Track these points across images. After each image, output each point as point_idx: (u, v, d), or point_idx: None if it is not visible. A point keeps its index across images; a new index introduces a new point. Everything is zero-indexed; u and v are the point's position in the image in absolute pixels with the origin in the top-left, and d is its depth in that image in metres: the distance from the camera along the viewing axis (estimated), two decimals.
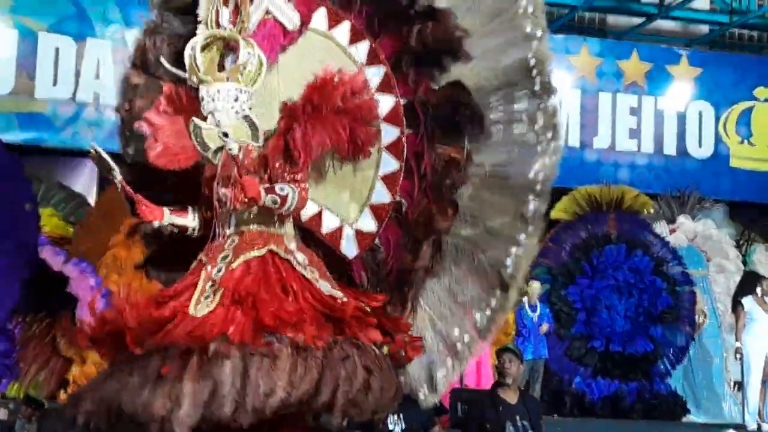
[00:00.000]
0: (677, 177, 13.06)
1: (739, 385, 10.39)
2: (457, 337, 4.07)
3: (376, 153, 3.99)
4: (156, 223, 3.66)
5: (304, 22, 4.03)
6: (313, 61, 3.94)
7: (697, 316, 10.61)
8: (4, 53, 11.63)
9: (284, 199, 3.56)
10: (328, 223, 4.01)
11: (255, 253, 3.59)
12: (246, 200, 3.51)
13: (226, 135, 3.54)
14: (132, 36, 12.01)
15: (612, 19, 14.19)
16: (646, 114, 13.46)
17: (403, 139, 3.98)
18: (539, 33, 4.08)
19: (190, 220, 3.74)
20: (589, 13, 13.97)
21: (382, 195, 3.96)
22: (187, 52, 3.69)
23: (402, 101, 4.00)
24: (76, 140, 11.52)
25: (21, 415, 7.05)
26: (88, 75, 11.61)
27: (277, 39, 3.93)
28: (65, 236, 9.54)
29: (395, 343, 3.70)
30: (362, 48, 4.06)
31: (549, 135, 4.06)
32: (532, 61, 4.06)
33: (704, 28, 14.42)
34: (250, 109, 3.66)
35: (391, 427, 5.90)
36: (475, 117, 3.91)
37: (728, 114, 13.58)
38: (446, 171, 3.89)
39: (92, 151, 3.64)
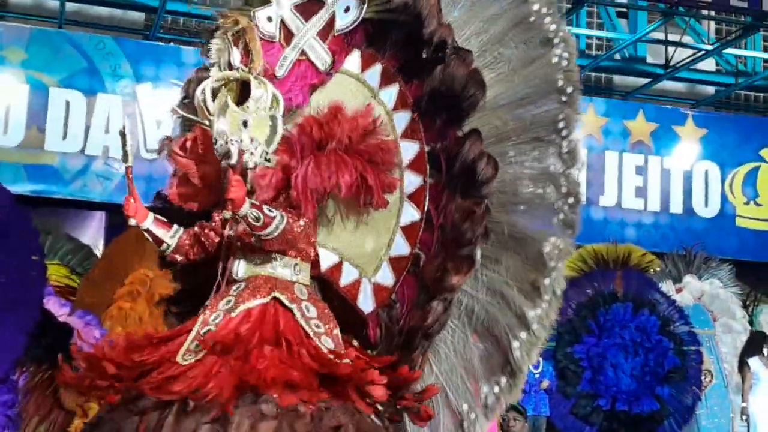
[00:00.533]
0: (683, 236, 13.08)
1: None
2: (465, 414, 3.73)
3: (398, 202, 3.75)
4: (132, 221, 3.46)
5: (336, 63, 3.95)
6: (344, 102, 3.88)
7: (703, 376, 10.56)
8: (15, 106, 11.66)
9: (269, 219, 3.33)
10: (347, 276, 3.78)
11: (258, 301, 3.37)
12: (227, 201, 3.31)
13: (245, 124, 3.35)
14: (142, 91, 12.27)
15: (618, 80, 14.37)
16: (653, 173, 13.57)
17: (426, 188, 3.71)
18: (570, 89, 3.87)
19: (168, 236, 3.51)
20: (596, 73, 14.09)
21: (401, 247, 3.69)
22: (198, 95, 3.59)
23: (426, 148, 3.76)
24: (85, 192, 11.63)
25: None
26: (98, 129, 11.66)
27: (309, 80, 3.85)
28: (72, 287, 9.50)
29: (407, 402, 3.41)
30: (392, 92, 3.86)
31: (570, 205, 3.81)
32: (562, 120, 3.83)
33: (710, 89, 14.59)
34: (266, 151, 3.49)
35: None
36: (490, 168, 3.58)
37: (734, 174, 13.72)
38: (463, 224, 3.56)
39: (121, 130, 3.54)
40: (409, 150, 3.72)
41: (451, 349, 3.74)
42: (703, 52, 13.60)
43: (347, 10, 3.82)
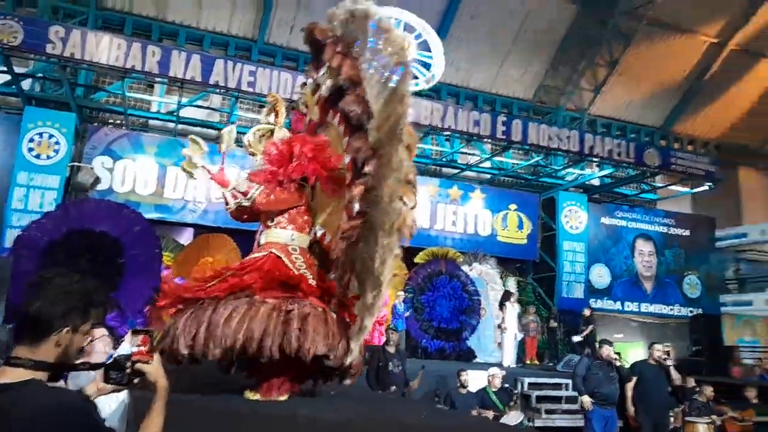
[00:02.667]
0: (474, 244, 14.06)
1: (500, 344, 11.78)
2: (360, 320, 3.36)
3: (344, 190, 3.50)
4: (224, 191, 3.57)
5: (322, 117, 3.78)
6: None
7: (482, 311, 12.26)
8: (150, 177, 11.89)
9: (245, 192, 3.47)
10: (327, 239, 3.76)
11: (259, 254, 3.44)
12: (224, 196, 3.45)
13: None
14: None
15: (445, 170, 15.18)
16: (460, 215, 14.30)
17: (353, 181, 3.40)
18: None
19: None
20: (435, 166, 14.78)
21: (344, 218, 3.47)
22: (247, 136, 3.81)
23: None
24: (182, 218, 12.22)
25: None
26: (191, 188, 12.07)
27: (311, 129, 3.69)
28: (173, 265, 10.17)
29: (344, 309, 3.31)
30: (342, 127, 3.66)
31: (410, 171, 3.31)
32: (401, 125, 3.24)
33: (487, 175, 15.33)
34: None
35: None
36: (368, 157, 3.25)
37: (497, 216, 14.69)
38: (351, 194, 3.33)
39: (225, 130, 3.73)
40: (346, 159, 3.59)
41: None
42: (485, 158, 14.74)
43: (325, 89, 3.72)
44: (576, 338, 11.73)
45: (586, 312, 12.16)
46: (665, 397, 7.15)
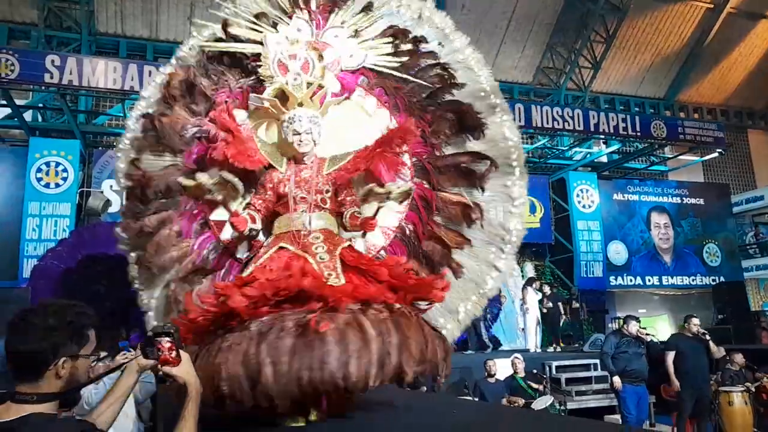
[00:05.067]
0: None
1: (523, 330, 11.75)
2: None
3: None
4: (246, 231, 2.94)
5: (346, 89, 3.35)
6: (347, 117, 3.34)
7: (502, 299, 12.00)
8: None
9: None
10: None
11: (344, 245, 2.91)
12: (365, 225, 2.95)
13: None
14: None
15: None
16: None
17: (413, 186, 3.21)
18: (516, 139, 3.40)
19: (257, 224, 2.97)
20: None
21: (393, 221, 3.29)
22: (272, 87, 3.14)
23: (414, 160, 3.30)
24: None
25: None
26: None
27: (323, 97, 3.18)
28: None
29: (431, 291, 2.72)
30: (384, 114, 3.35)
31: (522, 199, 3.34)
32: (511, 143, 3.29)
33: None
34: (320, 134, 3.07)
35: None
36: (487, 174, 3.22)
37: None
38: (459, 213, 3.22)
39: None
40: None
41: (465, 259, 3.32)
42: None
43: (351, 56, 3.30)
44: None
45: (546, 289, 12.18)
46: (705, 370, 7.03)
